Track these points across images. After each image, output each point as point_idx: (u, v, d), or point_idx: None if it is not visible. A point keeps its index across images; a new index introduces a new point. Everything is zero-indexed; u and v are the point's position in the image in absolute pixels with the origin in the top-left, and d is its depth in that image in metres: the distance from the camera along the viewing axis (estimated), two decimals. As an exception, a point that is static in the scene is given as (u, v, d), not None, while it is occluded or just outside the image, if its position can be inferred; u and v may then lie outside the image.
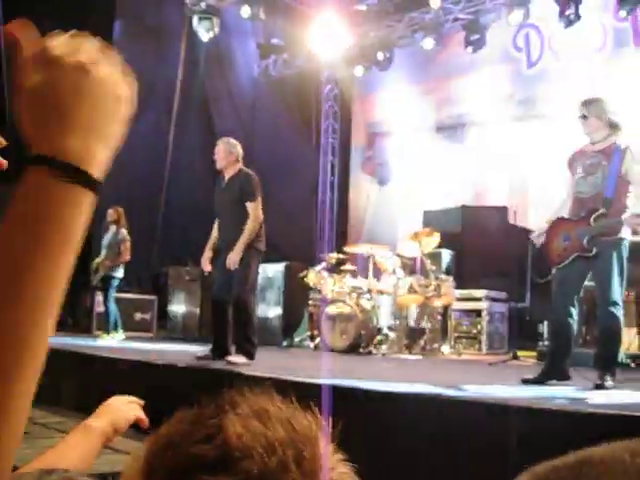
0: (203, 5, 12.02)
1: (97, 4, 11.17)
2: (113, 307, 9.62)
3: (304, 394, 0.77)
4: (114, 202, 12.25)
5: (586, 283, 4.91)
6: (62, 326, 11.82)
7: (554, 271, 4.93)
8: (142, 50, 12.52)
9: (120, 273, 9.56)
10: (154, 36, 12.71)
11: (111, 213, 9.44)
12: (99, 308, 11.06)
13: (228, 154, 6.05)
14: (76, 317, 11.98)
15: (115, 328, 9.66)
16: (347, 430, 0.75)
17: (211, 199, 6.29)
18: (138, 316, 11.43)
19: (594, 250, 4.60)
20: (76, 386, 5.70)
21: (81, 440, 1.42)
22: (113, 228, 9.47)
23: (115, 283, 9.54)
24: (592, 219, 4.63)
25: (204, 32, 12.10)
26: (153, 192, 12.33)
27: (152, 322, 11.35)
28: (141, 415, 1.62)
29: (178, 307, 10.81)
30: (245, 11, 11.77)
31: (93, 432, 1.44)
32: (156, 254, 12.15)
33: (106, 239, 9.49)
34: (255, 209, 5.82)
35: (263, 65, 14.35)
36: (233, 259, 5.67)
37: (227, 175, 6.04)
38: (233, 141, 6.19)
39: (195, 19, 12.08)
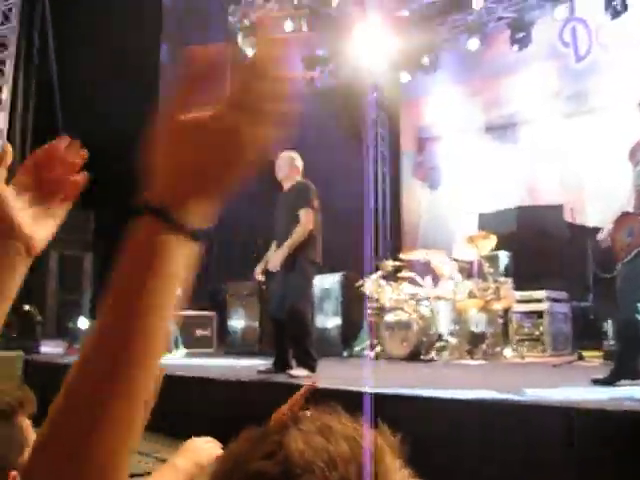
0: (246, 22, 12.17)
1: (144, 28, 11.41)
2: (172, 326, 9.80)
3: (368, 405, 0.77)
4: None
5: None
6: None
7: (619, 266, 4.79)
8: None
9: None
10: (200, 57, 12.91)
11: None
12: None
13: (291, 165, 6.10)
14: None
15: (176, 345, 9.78)
16: (412, 438, 0.74)
17: (266, 214, 6.32)
18: (198, 333, 11.55)
19: None
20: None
21: (169, 478, 1.55)
22: None
23: None
24: None
25: (249, 48, 12.23)
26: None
27: (212, 338, 11.46)
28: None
29: (237, 322, 10.89)
30: (288, 26, 11.85)
31: (180, 471, 1.58)
32: (213, 270, 12.28)
33: None
34: (306, 215, 5.81)
35: (308, 77, 14.42)
36: (275, 261, 5.68)
37: (286, 186, 6.07)
38: (295, 154, 6.24)
39: (240, 37, 12.23)
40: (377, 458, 0.69)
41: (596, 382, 4.50)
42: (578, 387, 4.45)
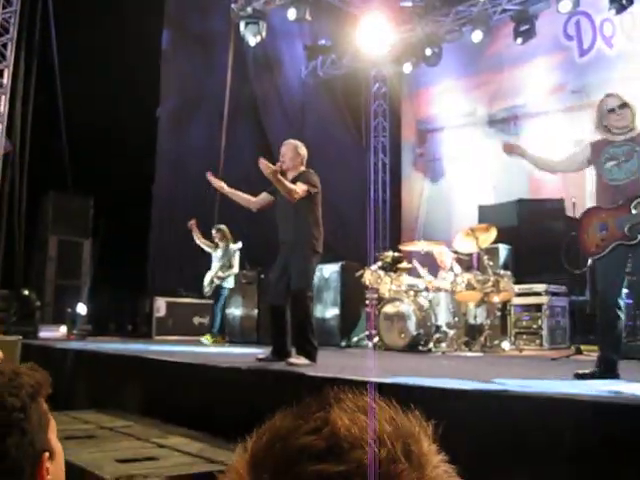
0: (249, 10, 12.11)
1: (145, 15, 11.35)
2: (222, 314, 10.28)
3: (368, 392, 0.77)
4: (168, 209, 12.45)
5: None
6: (122, 331, 12.08)
7: (590, 262, 4.78)
8: (190, 58, 12.70)
9: (230, 284, 10.24)
10: (202, 43, 12.86)
11: (215, 233, 10.21)
12: (158, 313, 11.25)
13: (296, 155, 6.05)
14: (136, 323, 12.21)
15: (221, 332, 10.26)
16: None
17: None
18: (197, 320, 11.58)
19: (638, 237, 4.48)
20: (140, 390, 5.79)
21: None
22: (221, 244, 10.15)
23: (225, 292, 10.25)
24: (632, 206, 4.52)
25: (251, 37, 12.19)
26: (207, 199, 12.46)
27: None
28: None
29: (236, 310, 10.91)
30: (291, 13, 11.79)
31: None
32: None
33: (217, 255, 10.18)
34: (300, 187, 5.74)
35: (311, 66, 14.39)
36: (264, 162, 5.54)
37: (290, 176, 6.03)
38: (299, 143, 6.19)
39: (242, 24, 12.17)
40: (418, 439, 0.71)
41: (579, 377, 4.49)
42: (568, 380, 4.46)
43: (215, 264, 10.17)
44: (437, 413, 0.82)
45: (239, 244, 10.06)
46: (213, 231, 10.24)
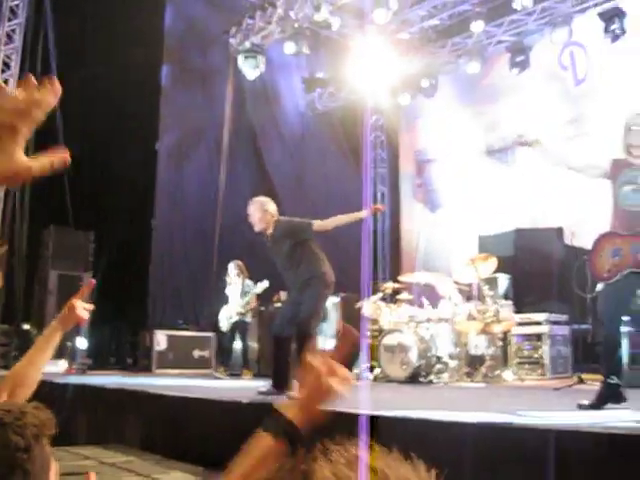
0: (248, 44, 12.26)
1: (144, 50, 11.47)
2: (245, 346, 10.36)
3: (364, 426, 0.77)
4: (168, 242, 12.47)
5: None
6: (122, 365, 12.02)
7: (600, 287, 4.76)
8: (189, 92, 12.81)
9: (249, 318, 10.30)
10: (201, 78, 12.98)
11: (233, 268, 10.22)
12: (158, 347, 11.21)
13: (264, 214, 6.02)
14: (136, 357, 12.16)
15: (246, 365, 10.35)
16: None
17: (262, 235, 6.28)
18: (197, 353, 11.52)
19: None
20: (141, 425, 5.76)
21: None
22: (238, 280, 10.17)
23: (247, 327, 10.34)
24: None
25: (250, 70, 12.31)
26: (207, 231, 12.50)
27: (210, 359, 11.43)
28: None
29: (236, 343, 10.87)
30: (289, 48, 11.93)
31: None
32: (213, 291, 12.27)
33: (234, 290, 10.20)
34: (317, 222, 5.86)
35: (309, 99, 14.51)
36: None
37: (268, 232, 6.04)
38: (264, 199, 6.16)
39: (240, 58, 12.31)
40: None
41: (582, 407, 4.44)
42: (574, 411, 4.43)
43: (234, 299, 10.17)
44: (436, 447, 0.82)
45: (265, 283, 9.83)
46: (231, 265, 10.26)
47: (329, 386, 1.23)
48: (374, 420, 3.38)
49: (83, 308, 2.35)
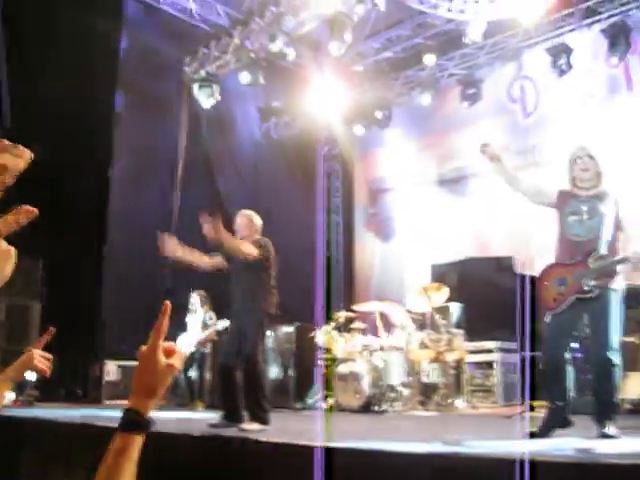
0: (203, 73, 12.26)
1: (98, 77, 11.40)
2: (200, 377, 10.39)
3: (319, 459, 0.77)
4: (120, 271, 12.30)
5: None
6: (72, 397, 11.74)
7: (547, 316, 4.86)
8: (144, 120, 12.72)
9: (208, 349, 10.27)
10: (155, 105, 12.91)
11: (195, 297, 10.29)
12: (108, 377, 11.00)
13: (250, 225, 6.07)
14: (86, 388, 11.90)
15: (200, 397, 10.32)
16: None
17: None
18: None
19: (595, 292, 4.58)
20: (90, 460, 5.62)
21: None
22: (201, 310, 10.24)
23: (204, 358, 10.34)
24: (590, 261, 4.62)
25: (205, 99, 12.30)
26: (161, 258, 12.35)
27: (163, 389, 11.25)
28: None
29: (190, 373, 10.72)
30: (244, 77, 11.95)
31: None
32: (170, 319, 12.13)
33: (195, 319, 10.22)
34: (250, 247, 5.74)
35: (264, 128, 14.55)
36: (208, 226, 5.57)
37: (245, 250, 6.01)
38: (253, 213, 6.21)
39: (195, 87, 12.30)
40: None
41: (533, 435, 4.55)
42: (524, 439, 4.48)
43: (194, 328, 10.12)
44: (388, 478, 0.83)
45: (226, 322, 9.51)
46: (194, 294, 10.26)
47: (163, 364, 1.42)
48: (328, 452, 3.37)
49: (42, 357, 2.30)
